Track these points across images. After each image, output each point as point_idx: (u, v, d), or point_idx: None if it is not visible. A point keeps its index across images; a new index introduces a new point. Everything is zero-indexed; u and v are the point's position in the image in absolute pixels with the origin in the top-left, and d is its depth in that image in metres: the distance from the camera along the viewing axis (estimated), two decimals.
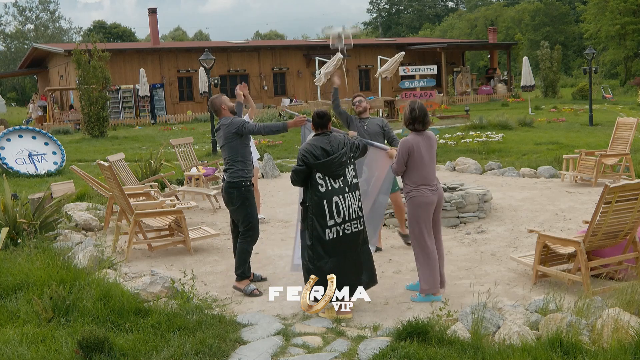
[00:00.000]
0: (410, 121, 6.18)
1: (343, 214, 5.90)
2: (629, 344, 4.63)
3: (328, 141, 5.98)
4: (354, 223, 5.98)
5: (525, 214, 9.89)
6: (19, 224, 8.09)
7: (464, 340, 4.96)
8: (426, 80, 18.25)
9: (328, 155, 5.89)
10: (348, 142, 6.07)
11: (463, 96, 38.64)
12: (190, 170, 12.74)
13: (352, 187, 6.01)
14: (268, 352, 5.07)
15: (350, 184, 6.00)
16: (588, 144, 16.82)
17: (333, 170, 5.88)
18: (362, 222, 6.08)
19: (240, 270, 6.76)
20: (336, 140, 6.02)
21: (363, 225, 6.10)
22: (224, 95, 6.99)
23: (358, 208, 6.02)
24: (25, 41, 75.39)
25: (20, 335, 5.30)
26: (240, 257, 6.78)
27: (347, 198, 5.93)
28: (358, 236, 6.04)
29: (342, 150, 5.95)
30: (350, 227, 5.96)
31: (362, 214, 6.07)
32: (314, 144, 5.97)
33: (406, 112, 6.20)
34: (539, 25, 65.69)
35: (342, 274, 5.84)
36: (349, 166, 6.01)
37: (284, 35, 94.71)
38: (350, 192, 5.98)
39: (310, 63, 38.71)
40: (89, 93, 24.65)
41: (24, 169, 15.34)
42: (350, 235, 5.97)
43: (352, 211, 5.96)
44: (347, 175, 5.98)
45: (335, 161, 5.89)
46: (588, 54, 24.21)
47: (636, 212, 6.02)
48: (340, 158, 5.92)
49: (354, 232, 5.99)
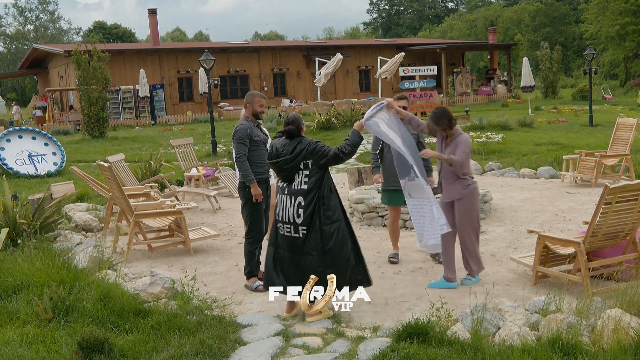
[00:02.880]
0: (451, 123, 6.75)
1: (280, 214, 5.99)
2: (629, 345, 4.62)
3: (284, 145, 5.99)
4: (286, 226, 5.92)
5: (525, 214, 9.89)
6: (18, 224, 8.08)
7: (464, 340, 4.95)
8: (426, 81, 18.26)
9: (276, 158, 5.98)
10: (308, 148, 5.87)
11: (463, 97, 38.64)
12: (190, 171, 12.74)
13: (294, 192, 5.88)
14: (268, 353, 5.07)
15: (295, 189, 5.89)
16: (588, 145, 16.82)
17: (278, 172, 6.01)
18: (302, 231, 5.84)
19: (247, 270, 6.91)
20: (292, 146, 5.93)
21: (303, 235, 5.84)
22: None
23: (295, 215, 5.86)
24: (25, 42, 75.40)
25: (20, 336, 5.29)
26: (246, 257, 6.93)
27: (283, 199, 5.96)
28: (296, 242, 5.87)
29: (289, 156, 5.88)
30: (282, 228, 5.97)
31: (300, 222, 5.83)
32: (273, 142, 6.13)
33: (444, 119, 6.71)
34: (539, 25, 65.73)
35: (284, 267, 5.97)
36: (300, 172, 5.89)
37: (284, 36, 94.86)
38: (289, 196, 5.91)
39: (310, 64, 38.72)
40: (88, 94, 24.64)
41: (24, 170, 15.33)
42: (285, 237, 5.95)
43: (284, 214, 5.93)
44: (297, 179, 5.92)
45: (277, 165, 5.97)
46: (588, 55, 24.21)
47: (636, 212, 6.02)
48: (282, 164, 5.91)
49: (285, 235, 5.94)
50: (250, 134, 6.87)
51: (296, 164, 5.88)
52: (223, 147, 19.76)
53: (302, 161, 5.87)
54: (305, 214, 5.82)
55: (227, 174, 13.06)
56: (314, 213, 5.83)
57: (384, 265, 7.54)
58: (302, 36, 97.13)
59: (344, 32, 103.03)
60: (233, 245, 8.78)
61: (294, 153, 5.88)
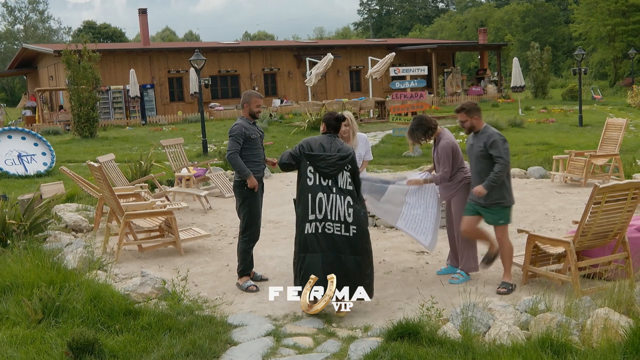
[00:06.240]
0: (427, 134, 6.98)
1: (325, 212, 5.93)
2: (619, 344, 4.65)
3: (330, 142, 6.16)
4: (336, 225, 5.93)
5: (515, 214, 9.88)
6: (8, 225, 8.04)
7: (455, 340, 4.97)
8: (417, 81, 18.25)
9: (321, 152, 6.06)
10: (350, 154, 6.10)
11: (453, 97, 38.71)
12: (180, 171, 12.71)
13: (342, 192, 5.99)
14: (259, 353, 5.07)
15: (341, 188, 6.00)
16: (578, 145, 16.91)
17: (322, 167, 6.00)
18: (352, 230, 5.94)
19: (240, 269, 6.94)
20: (337, 145, 6.14)
21: (354, 235, 5.94)
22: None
23: (346, 214, 5.95)
24: (14, 41, 75.04)
25: (9, 337, 5.27)
26: (240, 255, 6.95)
27: (332, 198, 5.96)
28: (343, 241, 5.93)
29: (338, 154, 6.05)
30: (332, 227, 5.93)
31: (351, 221, 5.94)
32: (316, 138, 6.23)
33: (418, 131, 6.94)
34: (529, 26, 65.98)
35: (317, 273, 5.85)
36: (343, 172, 6.02)
37: (274, 36, 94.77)
38: (338, 195, 5.97)
39: (301, 64, 38.68)
40: (78, 94, 24.54)
41: (14, 170, 15.26)
42: (332, 235, 5.93)
43: (335, 212, 5.94)
44: (339, 179, 6.01)
45: (326, 159, 6.00)
46: (578, 55, 24.33)
47: (625, 212, 6.05)
48: (332, 158, 6.00)
49: (336, 234, 5.94)
50: (246, 133, 6.88)
51: (344, 164, 6.03)
52: (214, 147, 19.73)
53: (348, 164, 6.05)
54: (354, 214, 5.96)
55: (218, 174, 13.05)
56: (360, 213, 6.01)
57: (375, 266, 7.52)
58: (292, 36, 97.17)
59: (335, 32, 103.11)
60: (224, 246, 8.76)
61: (345, 154, 6.05)
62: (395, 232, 9.11)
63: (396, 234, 9.01)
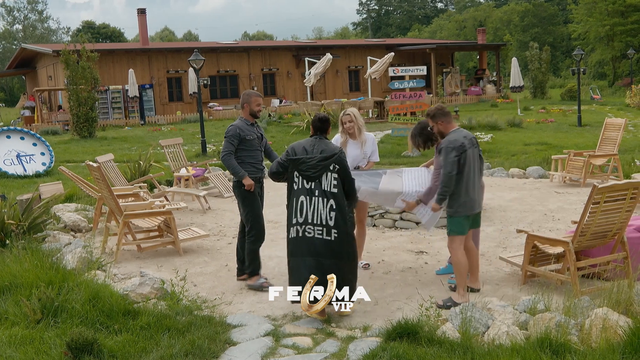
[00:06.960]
0: (426, 144, 6.89)
1: (305, 215, 5.86)
2: (617, 344, 4.65)
3: (314, 144, 6.03)
4: (317, 228, 5.81)
5: (515, 214, 9.93)
6: (7, 225, 8.04)
7: (454, 340, 4.97)
8: (415, 81, 18.23)
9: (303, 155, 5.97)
10: (335, 155, 5.94)
11: (452, 97, 38.74)
12: (179, 171, 12.71)
13: (325, 194, 5.85)
14: (258, 353, 5.07)
15: (325, 190, 5.85)
16: (576, 145, 16.92)
17: (304, 170, 5.91)
18: (334, 234, 5.81)
19: (250, 269, 6.92)
20: (321, 147, 5.99)
21: (335, 239, 5.81)
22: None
23: (328, 217, 5.81)
24: (13, 41, 74.98)
25: (8, 337, 5.26)
26: (248, 256, 6.93)
27: (314, 201, 5.85)
28: (323, 245, 5.80)
29: (320, 155, 5.91)
30: (312, 230, 5.82)
31: (332, 224, 5.81)
32: (301, 142, 6.13)
33: (418, 138, 6.85)
34: (528, 26, 66.04)
35: (300, 275, 5.80)
36: (328, 173, 5.88)
37: (273, 36, 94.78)
38: (321, 197, 5.84)
39: (300, 64, 38.70)
40: (77, 93, 24.54)
41: (12, 170, 15.26)
42: (312, 239, 5.81)
43: (317, 215, 5.83)
44: (323, 181, 5.86)
45: (306, 161, 5.90)
46: (576, 55, 24.34)
47: (624, 212, 6.05)
48: (312, 160, 5.89)
49: (316, 237, 5.81)
50: (241, 134, 6.86)
51: (327, 165, 5.89)
52: (213, 147, 19.73)
53: (333, 164, 5.90)
54: (336, 217, 5.82)
55: (217, 174, 13.04)
56: (344, 216, 5.86)
57: (374, 266, 7.55)
58: (291, 36, 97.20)
59: (334, 32, 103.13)
60: (223, 246, 8.76)
61: (326, 152, 5.92)
62: (394, 232, 9.12)
63: (395, 234, 9.02)
